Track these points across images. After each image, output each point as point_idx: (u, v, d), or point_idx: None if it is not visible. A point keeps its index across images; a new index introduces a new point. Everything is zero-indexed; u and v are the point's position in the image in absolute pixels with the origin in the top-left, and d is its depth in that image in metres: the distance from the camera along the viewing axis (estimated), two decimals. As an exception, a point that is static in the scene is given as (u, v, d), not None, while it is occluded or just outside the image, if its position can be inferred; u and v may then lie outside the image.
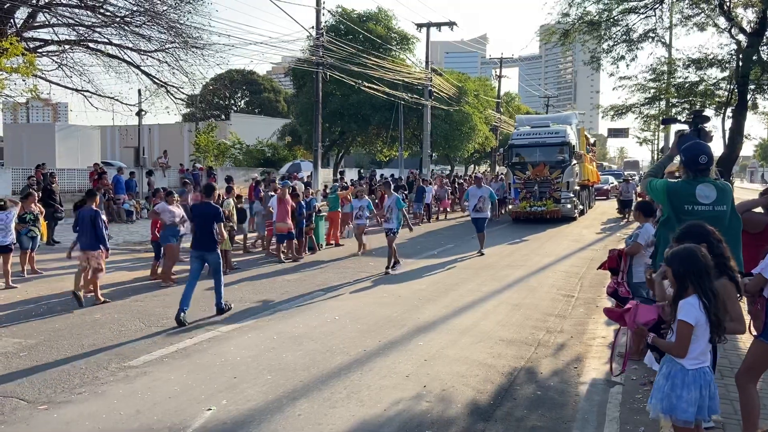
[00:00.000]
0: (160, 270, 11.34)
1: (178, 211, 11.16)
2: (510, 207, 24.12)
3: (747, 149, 79.45)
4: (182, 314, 8.16)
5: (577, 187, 24.12)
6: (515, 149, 23.77)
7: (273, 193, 14.26)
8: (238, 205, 14.05)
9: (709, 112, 17.50)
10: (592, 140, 33.38)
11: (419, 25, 32.94)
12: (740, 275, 3.94)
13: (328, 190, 21.52)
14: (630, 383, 5.83)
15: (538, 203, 22.61)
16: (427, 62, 32.87)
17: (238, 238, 14.75)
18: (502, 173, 29.79)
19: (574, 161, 23.10)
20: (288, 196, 13.78)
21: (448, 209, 26.65)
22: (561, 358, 6.90)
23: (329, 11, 26.87)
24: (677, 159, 5.23)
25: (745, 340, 5.67)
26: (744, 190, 37.65)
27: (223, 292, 8.83)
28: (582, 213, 25.50)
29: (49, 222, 15.06)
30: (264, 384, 5.91)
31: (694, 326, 3.49)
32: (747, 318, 4.17)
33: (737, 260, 4.58)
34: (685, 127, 5.52)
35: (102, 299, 9.47)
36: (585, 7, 17.59)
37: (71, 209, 14.58)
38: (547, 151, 23.04)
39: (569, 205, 22.73)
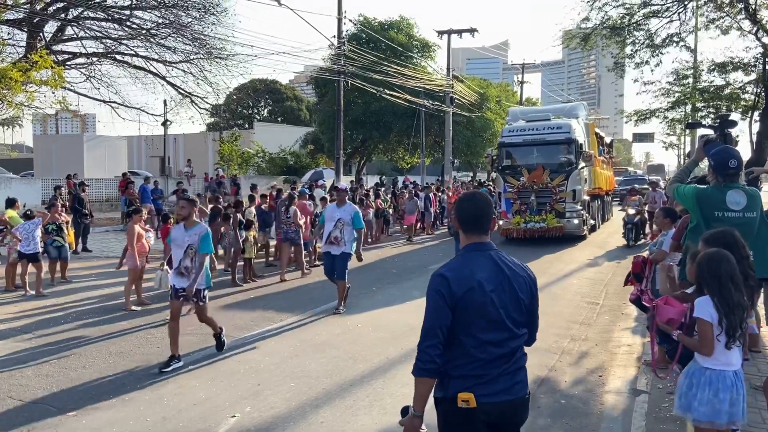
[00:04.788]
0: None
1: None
2: (500, 223, 18.31)
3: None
4: None
5: (587, 197, 19.08)
6: (506, 149, 18.87)
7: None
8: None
9: (735, 115, 17.23)
10: (608, 140, 27.54)
11: (440, 32, 32.94)
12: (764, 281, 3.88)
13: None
14: (656, 392, 5.76)
15: (535, 218, 17.71)
16: (448, 69, 32.86)
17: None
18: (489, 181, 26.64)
19: (582, 164, 18.27)
20: (302, 203, 13.83)
21: (425, 227, 21.19)
22: (585, 366, 6.83)
23: (351, 20, 26.99)
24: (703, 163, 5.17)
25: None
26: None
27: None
28: (593, 229, 20.47)
29: (77, 230, 15.28)
30: (287, 391, 5.96)
31: (713, 323, 3.45)
32: None
33: (766, 265, 4.51)
34: (710, 131, 5.46)
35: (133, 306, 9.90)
36: (606, 12, 17.49)
37: (100, 218, 14.80)
38: (546, 151, 18.24)
39: (576, 220, 17.80)
